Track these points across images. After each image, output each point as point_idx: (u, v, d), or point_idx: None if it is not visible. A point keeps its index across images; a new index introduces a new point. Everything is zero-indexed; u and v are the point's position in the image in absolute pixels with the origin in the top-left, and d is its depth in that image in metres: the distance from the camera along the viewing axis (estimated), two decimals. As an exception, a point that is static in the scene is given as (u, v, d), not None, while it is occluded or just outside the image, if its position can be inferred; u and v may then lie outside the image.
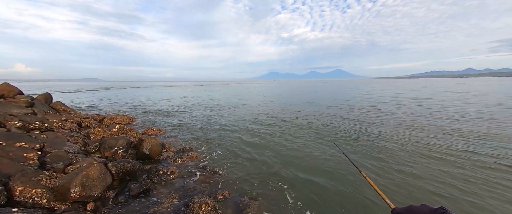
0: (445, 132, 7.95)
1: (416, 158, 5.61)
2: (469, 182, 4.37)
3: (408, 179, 4.53)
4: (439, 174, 4.73)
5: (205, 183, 4.54)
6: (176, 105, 17.88)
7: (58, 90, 39.13)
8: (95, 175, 3.65)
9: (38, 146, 4.66)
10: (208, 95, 30.01)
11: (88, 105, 18.08)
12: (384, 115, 11.79)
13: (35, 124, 6.38)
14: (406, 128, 8.82)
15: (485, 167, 4.94)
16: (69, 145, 5.51)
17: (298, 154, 6.19)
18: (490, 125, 8.79)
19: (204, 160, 5.81)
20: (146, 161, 5.54)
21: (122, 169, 4.33)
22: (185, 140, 7.89)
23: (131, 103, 19.53)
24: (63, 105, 11.18)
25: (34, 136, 5.43)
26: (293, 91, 36.54)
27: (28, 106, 8.36)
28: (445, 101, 16.87)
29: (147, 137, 5.95)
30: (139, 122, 11.08)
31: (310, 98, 22.83)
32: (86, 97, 26.68)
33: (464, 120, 9.87)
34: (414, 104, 15.95)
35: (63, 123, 7.69)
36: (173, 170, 4.81)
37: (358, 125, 9.49)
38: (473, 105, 14.25)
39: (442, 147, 6.37)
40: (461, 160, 5.37)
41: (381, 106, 15.39)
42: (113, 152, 5.57)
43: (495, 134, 7.38)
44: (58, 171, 3.94)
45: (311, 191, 4.18)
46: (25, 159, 4.02)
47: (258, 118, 11.91)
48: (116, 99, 23.40)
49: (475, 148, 6.12)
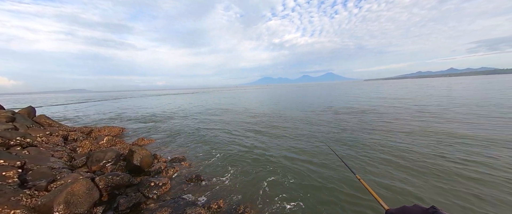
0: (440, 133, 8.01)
1: (413, 161, 5.69)
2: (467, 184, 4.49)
3: (403, 182, 4.60)
4: (432, 174, 4.84)
5: (198, 193, 4.41)
6: (168, 114, 17.54)
7: (45, 104, 37.48)
8: (80, 191, 3.46)
9: (19, 163, 4.39)
10: (200, 102, 29.70)
11: (75, 118, 17.38)
12: (385, 119, 12.07)
13: (16, 140, 6.02)
14: (402, 130, 9.03)
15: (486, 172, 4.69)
16: (53, 160, 5.23)
17: (294, 159, 6.17)
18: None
19: (197, 169, 5.67)
20: (137, 173, 5.33)
21: (111, 183, 4.14)
22: (177, 149, 7.70)
23: (121, 114, 18.97)
24: (47, 119, 10.68)
25: (15, 152, 5.12)
26: (287, 96, 36.76)
27: (9, 121, 7.92)
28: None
29: (137, 148, 5.75)
30: (130, 133, 10.75)
31: (304, 103, 23.07)
32: (74, 109, 25.69)
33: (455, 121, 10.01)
34: (412, 105, 16.37)
35: (47, 137, 7.32)
36: (165, 181, 4.65)
37: (353, 128, 9.65)
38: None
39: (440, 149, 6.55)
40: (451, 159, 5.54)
41: (380, 109, 15.76)
42: (101, 166, 5.34)
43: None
44: (40, 189, 3.70)
45: (310, 198, 4.14)
46: (4, 177, 3.76)
47: (252, 124, 11.87)
48: (105, 110, 22.67)
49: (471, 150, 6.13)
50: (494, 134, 7.15)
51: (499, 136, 6.97)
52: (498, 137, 6.82)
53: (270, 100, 27.99)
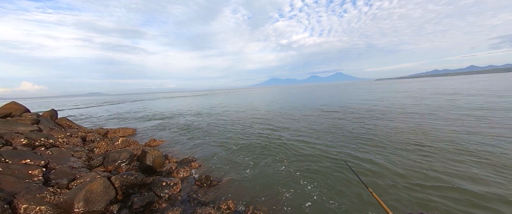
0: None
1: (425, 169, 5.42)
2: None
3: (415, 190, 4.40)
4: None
5: (208, 193, 4.49)
6: (178, 115, 18.00)
7: (66, 106, 39.85)
8: (98, 190, 3.65)
9: (43, 163, 4.71)
10: (209, 104, 30.19)
11: (92, 119, 18.34)
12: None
13: (40, 140, 6.47)
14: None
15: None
16: (73, 160, 5.56)
17: (304, 160, 6.11)
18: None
19: (207, 170, 5.77)
20: (149, 173, 5.52)
21: (126, 182, 4.33)
22: (188, 149, 7.89)
23: (133, 115, 19.75)
24: (68, 121, 11.36)
25: (39, 152, 5.50)
26: (295, 97, 36.28)
27: (34, 123, 8.52)
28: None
29: (150, 149, 5.97)
30: (142, 133, 11.16)
31: (313, 104, 22.72)
32: (91, 111, 27.11)
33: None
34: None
35: (68, 139, 7.79)
36: (176, 181, 4.78)
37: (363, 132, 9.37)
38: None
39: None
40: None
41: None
42: (117, 165, 5.59)
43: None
44: (62, 187, 3.95)
45: (320, 201, 4.09)
46: (30, 176, 4.06)
47: (261, 125, 11.88)
48: (119, 112, 23.71)
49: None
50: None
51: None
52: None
53: (278, 101, 27.84)
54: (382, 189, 4.19)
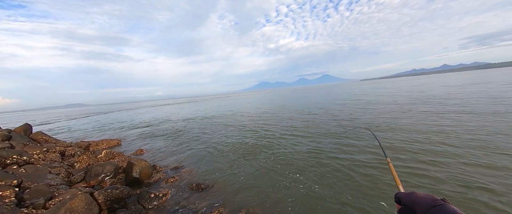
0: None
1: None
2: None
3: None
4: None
5: (199, 200, 4.38)
6: (165, 123, 17.46)
7: (45, 120, 37.07)
8: (79, 207, 3.41)
9: (16, 182, 4.33)
10: (197, 110, 29.65)
11: (72, 132, 17.21)
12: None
13: (12, 158, 5.95)
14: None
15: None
16: (51, 177, 5.16)
17: (296, 161, 6.16)
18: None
19: (197, 177, 5.63)
20: (136, 185, 5.27)
21: (110, 197, 4.09)
22: (177, 157, 7.66)
23: (119, 126, 18.83)
24: (44, 135, 10.57)
25: (11, 171, 5.05)
26: (282, 100, 36.83)
27: (5, 140, 7.83)
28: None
29: (136, 160, 5.72)
30: (128, 144, 10.66)
31: (303, 106, 23.16)
32: (72, 124, 25.45)
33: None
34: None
35: (44, 154, 7.24)
36: (166, 192, 4.61)
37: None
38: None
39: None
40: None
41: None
42: (100, 180, 5.28)
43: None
44: (38, 207, 3.65)
45: (311, 203, 4.14)
46: (1, 197, 3.71)
47: (251, 129, 11.87)
48: (102, 123, 22.50)
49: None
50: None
51: None
52: None
53: (266, 104, 28.04)
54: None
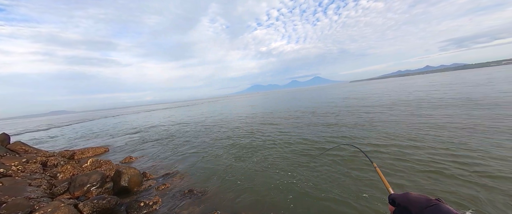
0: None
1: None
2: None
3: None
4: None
5: (192, 207, 4.26)
6: (155, 129, 16.99)
7: (26, 129, 34.83)
8: (62, 220, 3.22)
9: (-10, 197, 4.01)
10: (188, 115, 29.14)
11: (56, 141, 16.29)
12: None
13: (-13, 171, 5.53)
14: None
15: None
16: (31, 189, 4.83)
17: (289, 162, 6.17)
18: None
19: (189, 183, 5.50)
20: (125, 194, 5.06)
21: (96, 208, 3.90)
22: (168, 163, 7.45)
23: (106, 133, 18.09)
24: (23, 145, 9.92)
25: (-14, 185, 4.68)
26: (274, 103, 36.98)
27: (-21, 152, 7.27)
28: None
29: (125, 167, 5.49)
30: (116, 152, 10.24)
31: (295, 108, 23.39)
32: (55, 132, 24.11)
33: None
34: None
35: (24, 165, 6.78)
36: (156, 200, 4.45)
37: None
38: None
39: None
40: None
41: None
42: (86, 190, 5.01)
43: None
44: (16, 223, 3.40)
45: (306, 204, 4.15)
46: (-27, 215, 3.41)
47: (241, 132, 11.80)
48: (88, 131, 21.51)
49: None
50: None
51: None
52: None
53: (257, 108, 28.09)
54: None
